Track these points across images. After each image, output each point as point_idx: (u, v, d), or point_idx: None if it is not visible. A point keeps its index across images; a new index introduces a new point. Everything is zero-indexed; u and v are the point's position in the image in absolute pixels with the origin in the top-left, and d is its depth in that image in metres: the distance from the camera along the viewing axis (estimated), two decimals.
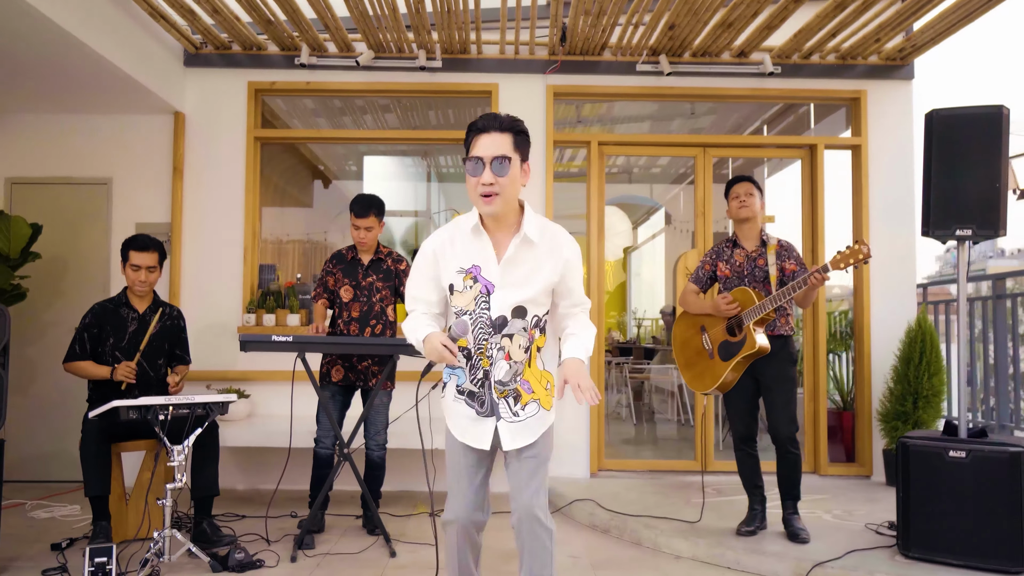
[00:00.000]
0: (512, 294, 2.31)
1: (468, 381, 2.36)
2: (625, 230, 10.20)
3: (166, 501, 3.38)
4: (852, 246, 3.49)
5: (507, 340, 2.31)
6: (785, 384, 3.82)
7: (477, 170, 2.23)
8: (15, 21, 3.84)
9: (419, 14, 4.78)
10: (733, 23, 4.90)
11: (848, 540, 3.75)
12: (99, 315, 3.90)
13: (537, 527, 2.32)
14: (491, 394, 2.34)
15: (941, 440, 3.42)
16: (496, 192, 2.23)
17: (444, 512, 2.41)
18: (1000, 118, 3.46)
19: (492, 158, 2.23)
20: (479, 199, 2.25)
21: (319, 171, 8.58)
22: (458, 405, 2.39)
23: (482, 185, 2.22)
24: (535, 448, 2.38)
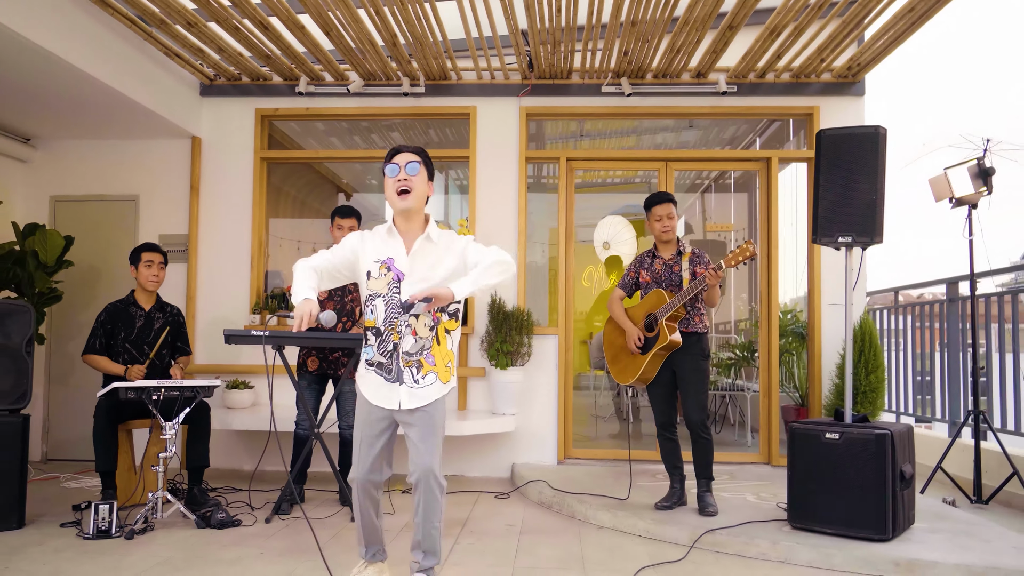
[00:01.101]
0: (418, 282, 2.88)
1: (377, 354, 2.91)
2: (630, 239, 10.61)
3: (159, 467, 4.05)
4: (742, 245, 3.96)
5: (414, 319, 2.88)
6: (697, 376, 4.29)
7: (394, 171, 2.90)
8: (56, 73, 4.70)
9: (396, 47, 5.39)
10: (681, 48, 5.37)
11: (752, 515, 4.18)
12: (112, 313, 4.62)
13: (433, 483, 2.87)
14: (398, 363, 2.89)
15: (819, 424, 3.85)
16: (409, 188, 2.88)
17: (351, 471, 2.99)
18: (878, 137, 3.87)
19: (406, 162, 2.90)
20: (395, 196, 2.88)
21: (340, 185, 9.29)
22: (369, 375, 2.94)
23: (399, 181, 2.88)
24: (428, 414, 2.91)
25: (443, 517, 2.96)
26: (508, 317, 5.66)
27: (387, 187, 2.92)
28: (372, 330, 2.93)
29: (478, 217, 5.99)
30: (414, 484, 2.90)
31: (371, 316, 2.92)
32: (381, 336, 2.91)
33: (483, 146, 6.05)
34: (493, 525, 4.32)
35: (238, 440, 5.91)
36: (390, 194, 2.90)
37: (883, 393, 5.41)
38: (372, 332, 2.93)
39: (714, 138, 7.93)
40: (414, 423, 2.91)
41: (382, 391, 2.92)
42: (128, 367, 4.52)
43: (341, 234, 4.76)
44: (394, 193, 2.88)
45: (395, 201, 2.89)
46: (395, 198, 2.88)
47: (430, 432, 2.90)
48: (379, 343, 2.92)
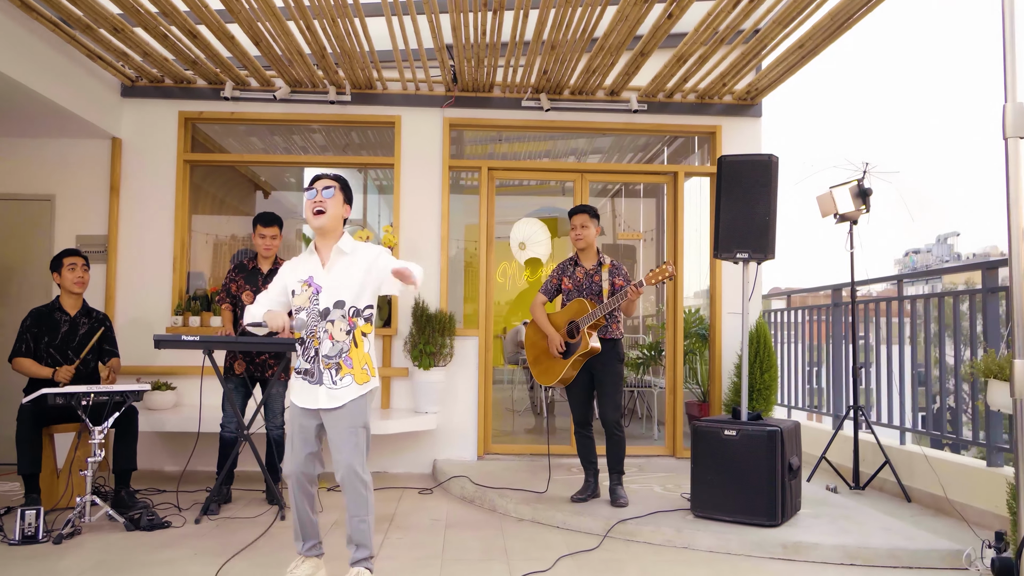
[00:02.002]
0: (333, 291, 3.20)
1: (304, 361, 3.22)
2: (544, 240, 11.01)
3: (87, 472, 4.11)
4: (661, 266, 4.32)
5: (330, 324, 3.17)
6: (613, 378, 4.65)
7: (311, 195, 3.23)
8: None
9: (324, 57, 5.54)
10: (596, 69, 5.72)
11: (660, 504, 4.58)
12: (36, 318, 4.61)
13: (356, 480, 3.14)
14: (319, 366, 3.18)
15: (719, 422, 4.27)
16: (323, 210, 3.21)
17: (283, 468, 3.24)
18: (771, 164, 4.31)
19: (323, 187, 3.24)
20: (311, 216, 3.21)
21: (259, 183, 9.27)
22: (296, 381, 3.27)
23: (315, 203, 3.21)
24: (347, 414, 3.16)
25: (373, 512, 3.20)
26: (431, 319, 5.89)
27: (306, 209, 3.25)
28: (298, 340, 3.25)
29: (402, 223, 6.19)
30: (339, 481, 3.17)
31: (298, 329, 3.19)
32: (304, 344, 3.23)
33: (407, 154, 6.26)
34: (419, 520, 4.56)
35: (159, 441, 5.93)
36: (308, 215, 3.24)
37: (776, 390, 5.92)
38: (299, 342, 3.25)
39: (627, 145, 8.36)
40: (334, 423, 3.17)
41: (305, 393, 3.22)
42: (56, 369, 4.53)
43: (263, 243, 4.89)
44: (311, 213, 3.21)
45: (311, 220, 3.23)
46: (311, 217, 3.23)
47: (349, 432, 3.17)
48: (303, 351, 3.24)
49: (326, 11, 4.74)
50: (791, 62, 5.49)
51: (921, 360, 5.41)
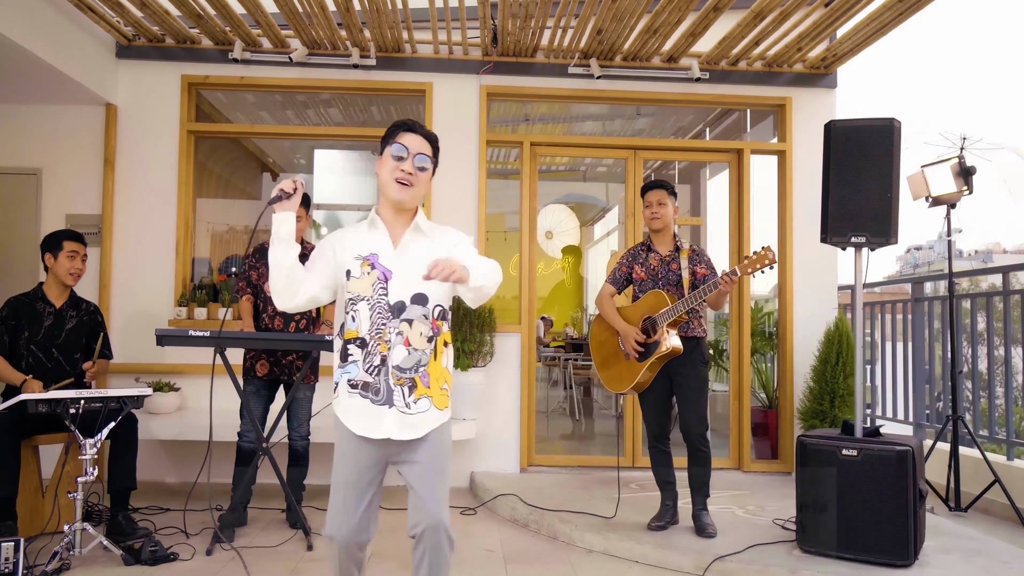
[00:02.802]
0: (409, 281, 2.32)
1: (363, 371, 2.29)
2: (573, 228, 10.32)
3: (77, 495, 3.40)
4: (759, 251, 3.64)
5: (406, 325, 2.29)
6: (696, 383, 3.96)
7: (401, 153, 2.32)
8: None
9: (349, 12, 4.81)
10: (658, 29, 5.01)
11: (753, 535, 3.89)
12: (15, 308, 3.89)
13: (443, 538, 2.29)
14: (388, 381, 2.28)
15: (835, 439, 3.57)
16: (412, 183, 2.33)
17: (327, 526, 2.36)
18: (892, 130, 3.61)
19: (417, 152, 2.34)
20: (393, 184, 2.32)
21: (267, 164, 8.57)
22: (352, 399, 2.30)
23: (402, 171, 2.32)
24: (431, 448, 2.34)
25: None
26: (469, 314, 5.20)
27: (384, 167, 2.35)
28: (355, 341, 2.31)
29: (435, 203, 5.48)
30: (417, 536, 2.31)
31: (352, 325, 2.31)
32: (366, 348, 2.30)
33: (439, 127, 5.53)
34: (471, 551, 3.87)
35: (160, 450, 5.22)
36: (387, 178, 2.34)
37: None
38: (355, 344, 2.31)
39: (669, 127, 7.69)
40: (414, 460, 2.34)
41: (366, 418, 2.29)
42: (26, 380, 3.80)
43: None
44: (392, 180, 2.32)
45: (391, 190, 2.33)
46: (392, 186, 2.32)
47: (436, 472, 2.34)
48: (364, 357, 2.30)
49: None
50: (884, 20, 4.78)
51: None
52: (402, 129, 2.38)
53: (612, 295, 4.17)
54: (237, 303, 4.22)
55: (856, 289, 3.80)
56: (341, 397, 2.33)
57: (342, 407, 2.34)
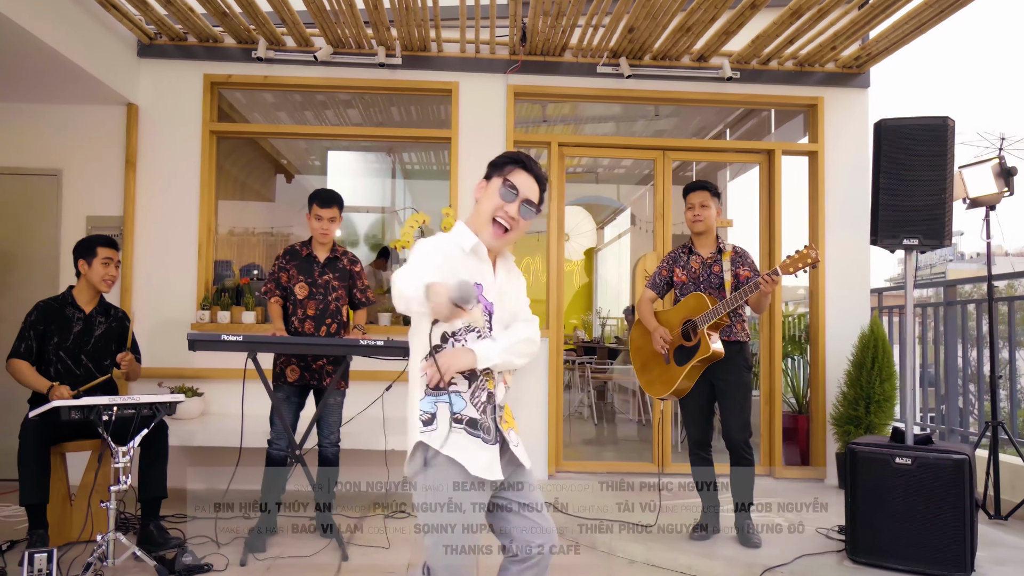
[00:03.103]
0: (505, 317, 2.23)
1: (471, 406, 2.13)
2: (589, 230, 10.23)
3: (110, 504, 3.31)
4: (801, 250, 3.54)
5: None
6: (740, 389, 3.86)
7: (510, 197, 2.16)
8: None
9: (377, 10, 4.73)
10: (692, 27, 4.92)
11: (798, 544, 3.79)
12: (45, 313, 3.79)
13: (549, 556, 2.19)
14: (494, 418, 2.16)
15: (888, 447, 3.48)
16: (512, 229, 2.18)
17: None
18: (946, 129, 3.52)
19: (526, 199, 2.18)
20: (491, 225, 2.16)
21: (281, 165, 8.48)
22: (459, 436, 2.09)
23: (507, 215, 2.15)
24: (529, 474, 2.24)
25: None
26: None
27: (487, 199, 2.18)
28: (463, 373, 2.13)
29: (461, 205, 5.38)
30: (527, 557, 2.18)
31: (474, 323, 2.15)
32: (475, 382, 2.15)
33: (466, 127, 5.45)
34: None
35: (182, 456, 5.10)
36: (485, 213, 2.17)
37: (895, 402, 5.14)
38: (463, 375, 2.13)
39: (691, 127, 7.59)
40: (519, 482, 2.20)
41: (483, 458, 2.10)
42: (53, 386, 3.69)
43: (320, 226, 4.09)
44: (490, 218, 2.16)
45: (488, 230, 2.17)
46: (489, 227, 2.16)
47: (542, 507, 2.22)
48: (472, 391, 2.15)
49: None
50: (924, 18, 4.69)
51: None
52: (517, 165, 2.20)
53: (652, 300, 4.08)
54: (265, 305, 4.13)
55: (907, 292, 3.71)
56: (441, 430, 2.09)
57: (452, 444, 2.08)
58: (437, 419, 2.09)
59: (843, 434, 5.15)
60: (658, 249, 5.59)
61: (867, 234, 5.42)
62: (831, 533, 4.01)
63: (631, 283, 6.07)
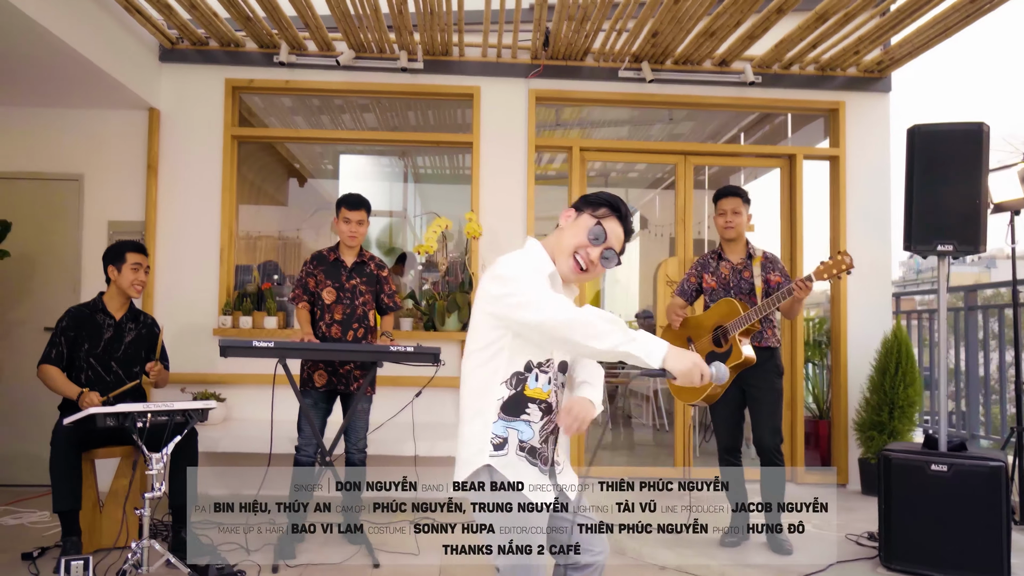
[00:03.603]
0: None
1: (537, 435, 2.09)
2: None
3: (144, 511, 3.29)
4: (835, 257, 3.53)
5: (560, 390, 2.18)
6: (771, 396, 3.85)
7: (598, 241, 2.11)
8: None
9: (401, 15, 4.72)
10: (716, 32, 4.91)
11: (829, 551, 3.78)
12: (76, 319, 3.78)
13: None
14: (553, 451, 2.15)
15: (923, 454, 3.47)
16: (588, 271, 2.14)
17: None
18: (981, 135, 3.51)
19: (609, 247, 2.14)
20: (572, 262, 2.12)
21: (295, 169, 8.47)
22: (521, 463, 2.06)
23: (587, 257, 2.12)
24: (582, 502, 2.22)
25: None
26: None
27: (573, 231, 2.13)
28: (540, 404, 2.08)
29: (482, 210, 5.38)
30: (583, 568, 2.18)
31: (544, 386, 2.09)
32: (550, 414, 2.10)
33: (487, 132, 5.44)
34: None
35: (204, 461, 5.07)
36: (567, 247, 2.12)
37: (919, 407, 5.13)
38: (539, 406, 2.08)
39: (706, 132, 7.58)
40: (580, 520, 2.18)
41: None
42: (83, 392, 3.67)
43: (348, 229, 4.08)
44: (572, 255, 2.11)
45: (565, 266, 2.12)
46: (569, 262, 2.12)
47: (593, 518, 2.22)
48: (544, 422, 2.09)
49: None
50: (950, 22, 4.68)
51: None
52: (613, 213, 2.15)
53: (682, 307, 4.07)
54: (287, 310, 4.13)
55: (940, 298, 3.71)
56: (511, 457, 2.06)
57: (514, 468, 2.05)
58: (508, 444, 2.06)
59: (866, 439, 5.14)
60: (679, 254, 5.58)
61: (888, 238, 5.53)
62: (861, 539, 4.01)
63: (653, 288, 6.04)
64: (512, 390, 2.06)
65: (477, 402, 2.09)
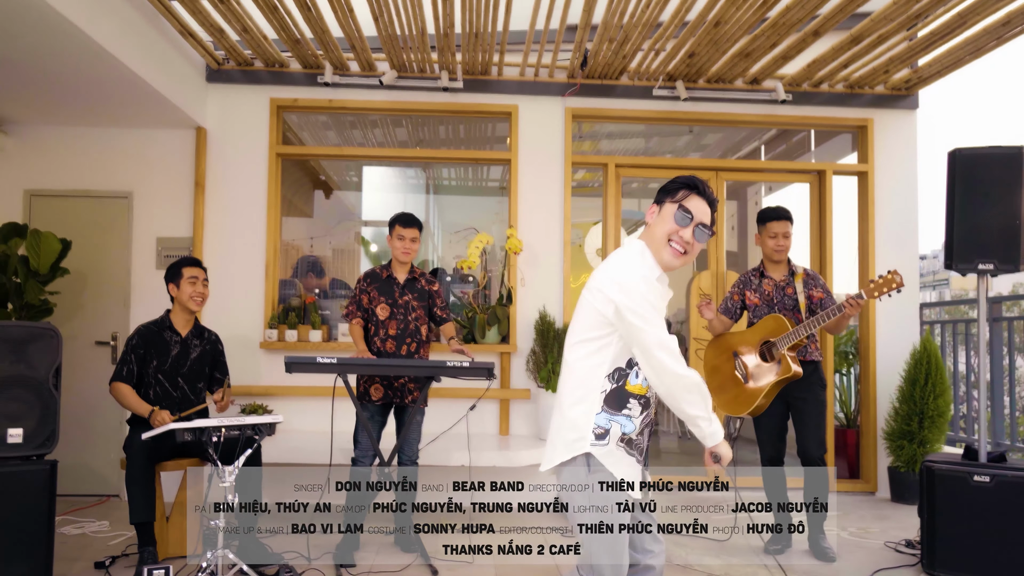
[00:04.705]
0: None
1: (637, 428, 2.29)
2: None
3: (219, 521, 3.42)
4: (886, 275, 3.66)
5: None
6: (816, 407, 3.99)
7: (685, 221, 2.28)
8: (52, 37, 3.85)
9: (447, 37, 4.87)
10: (751, 53, 5.06)
11: (870, 558, 3.92)
12: (145, 337, 3.92)
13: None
14: (647, 442, 2.33)
15: (965, 465, 3.60)
16: (688, 252, 2.30)
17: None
18: (1020, 159, 3.65)
19: (700, 223, 2.29)
20: (670, 249, 2.29)
21: (320, 181, 8.60)
22: (620, 453, 2.28)
23: (681, 239, 2.28)
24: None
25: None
26: (559, 335, 5.23)
27: (661, 223, 2.31)
28: (640, 399, 2.28)
29: (521, 225, 5.52)
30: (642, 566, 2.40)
31: (643, 381, 2.28)
32: (648, 408, 2.32)
33: (525, 148, 5.58)
34: None
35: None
36: (661, 238, 2.30)
37: (949, 417, 5.26)
38: (639, 401, 2.28)
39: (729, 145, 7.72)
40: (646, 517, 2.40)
41: (632, 474, 2.28)
42: (154, 411, 3.81)
43: (402, 245, 4.22)
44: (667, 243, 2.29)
45: (664, 254, 2.30)
46: (666, 250, 2.29)
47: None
48: (643, 416, 2.30)
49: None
50: (980, 43, 4.82)
51: None
52: (691, 191, 2.32)
53: (727, 326, 4.21)
54: (349, 327, 4.26)
55: (980, 314, 3.84)
56: (611, 447, 2.26)
57: (614, 459, 2.26)
58: (610, 435, 2.24)
59: (896, 449, 5.27)
60: (712, 267, 5.72)
61: (915, 252, 5.66)
62: (899, 547, 4.14)
63: (686, 301, 6.17)
64: (614, 384, 2.24)
65: (579, 391, 2.27)
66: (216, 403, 4.01)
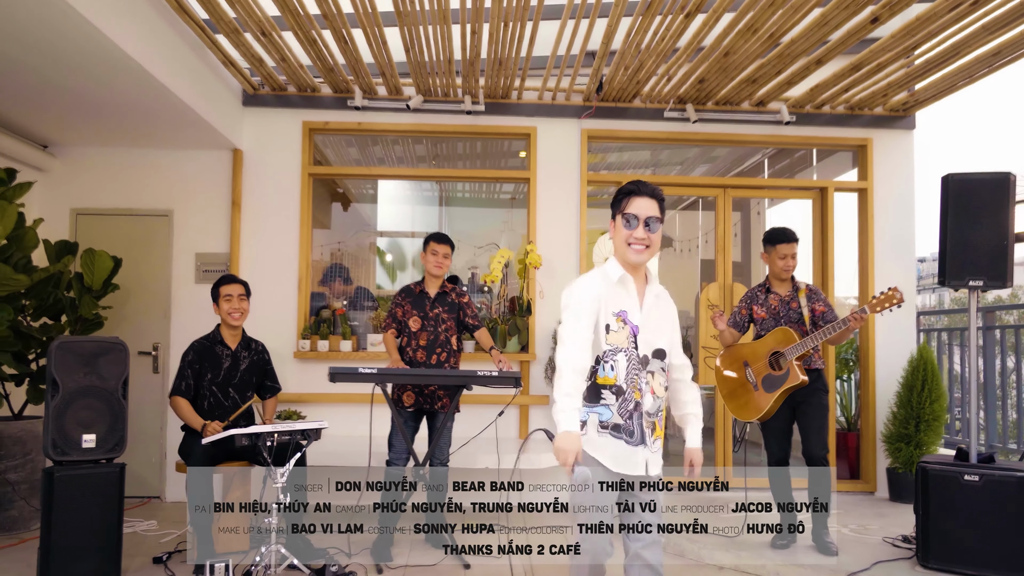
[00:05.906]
0: (652, 337, 2.70)
1: (616, 414, 2.62)
2: None
3: (272, 519, 3.74)
4: (887, 292, 3.98)
5: (650, 376, 2.67)
6: (820, 411, 4.31)
7: (632, 224, 2.65)
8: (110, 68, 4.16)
9: (473, 65, 5.19)
10: (758, 79, 5.38)
11: (870, 552, 4.23)
12: (199, 352, 4.25)
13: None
14: (640, 424, 2.63)
15: (956, 465, 3.91)
16: (647, 245, 2.66)
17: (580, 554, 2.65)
18: (1008, 183, 3.97)
19: (646, 217, 2.65)
20: (631, 250, 2.65)
21: (339, 194, 8.91)
22: (604, 439, 2.61)
23: (636, 239, 2.64)
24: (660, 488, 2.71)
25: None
26: None
27: (617, 234, 2.69)
28: (611, 388, 2.64)
29: (540, 242, 5.83)
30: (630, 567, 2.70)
31: (610, 373, 2.65)
32: (623, 395, 2.64)
33: (543, 168, 5.90)
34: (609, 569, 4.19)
35: None
36: (620, 244, 2.68)
37: (944, 422, 5.57)
38: (611, 390, 2.64)
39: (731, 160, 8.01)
40: (651, 498, 2.70)
41: (626, 459, 2.62)
42: (206, 424, 4.14)
43: (435, 260, 4.54)
44: (626, 246, 2.65)
45: (629, 254, 2.66)
46: (628, 252, 2.66)
47: (658, 515, 2.71)
48: (620, 402, 2.64)
49: (502, 14, 4.40)
50: (974, 71, 5.14)
51: None
52: (630, 195, 2.69)
53: (736, 338, 4.53)
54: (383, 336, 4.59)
55: (971, 325, 4.15)
56: (591, 435, 2.63)
57: (594, 445, 2.62)
58: (587, 426, 2.63)
59: (894, 451, 5.58)
60: (719, 279, 6.03)
61: (912, 264, 5.98)
62: (897, 542, 4.45)
63: (695, 312, 6.49)
64: (589, 381, 2.64)
65: None
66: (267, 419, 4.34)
